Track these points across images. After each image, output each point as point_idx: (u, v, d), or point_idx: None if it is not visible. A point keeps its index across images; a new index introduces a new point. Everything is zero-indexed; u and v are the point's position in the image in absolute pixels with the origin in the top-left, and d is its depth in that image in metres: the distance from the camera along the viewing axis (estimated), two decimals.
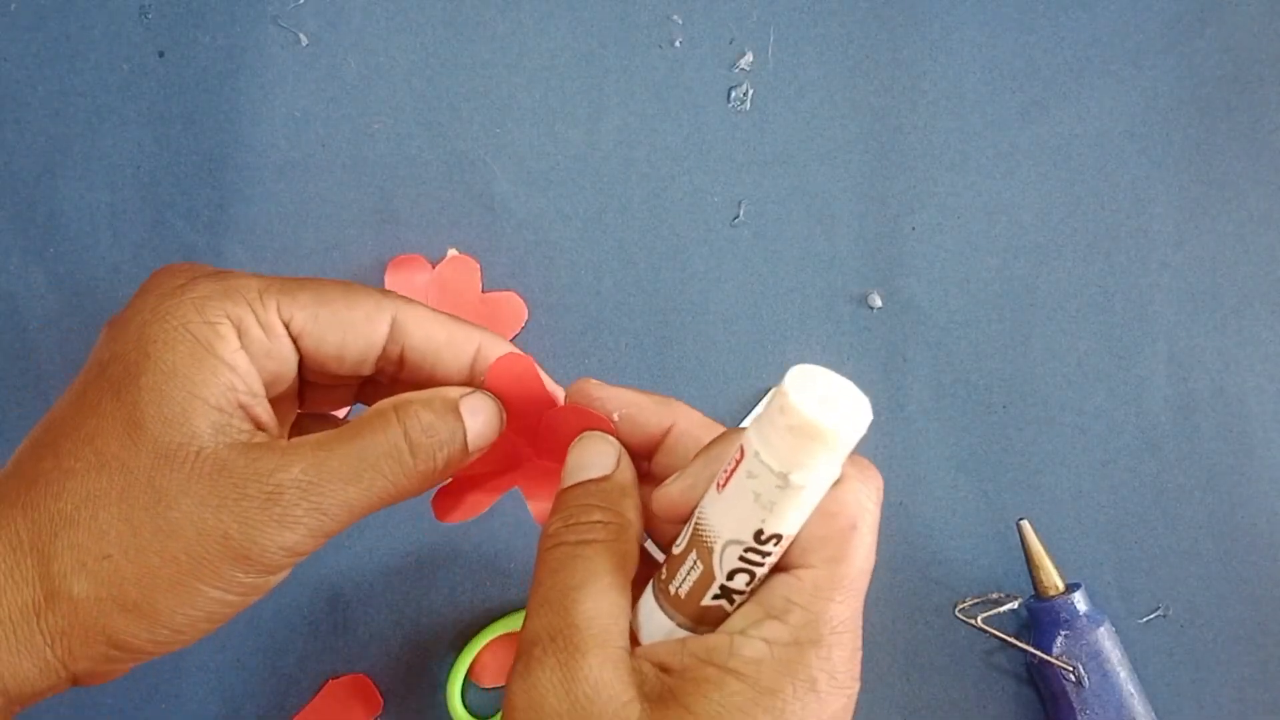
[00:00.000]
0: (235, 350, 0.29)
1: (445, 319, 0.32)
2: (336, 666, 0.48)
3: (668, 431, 0.32)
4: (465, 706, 0.47)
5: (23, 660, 0.27)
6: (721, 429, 0.31)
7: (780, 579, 0.29)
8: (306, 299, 0.30)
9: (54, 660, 0.27)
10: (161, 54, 0.52)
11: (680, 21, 0.52)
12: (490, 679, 0.48)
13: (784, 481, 0.27)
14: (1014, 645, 0.46)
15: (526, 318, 0.50)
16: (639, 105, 0.52)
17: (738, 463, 0.27)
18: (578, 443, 0.32)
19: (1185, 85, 0.52)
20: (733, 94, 0.52)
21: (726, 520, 0.28)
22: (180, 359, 0.28)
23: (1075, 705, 0.44)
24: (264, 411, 0.30)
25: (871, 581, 0.48)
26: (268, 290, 0.30)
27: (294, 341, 0.31)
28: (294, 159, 0.51)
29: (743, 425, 0.48)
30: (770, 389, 0.50)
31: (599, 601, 0.28)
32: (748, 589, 0.29)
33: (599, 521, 0.30)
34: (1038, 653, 0.45)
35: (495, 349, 0.33)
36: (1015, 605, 0.46)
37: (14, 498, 0.28)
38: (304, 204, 0.51)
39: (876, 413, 0.50)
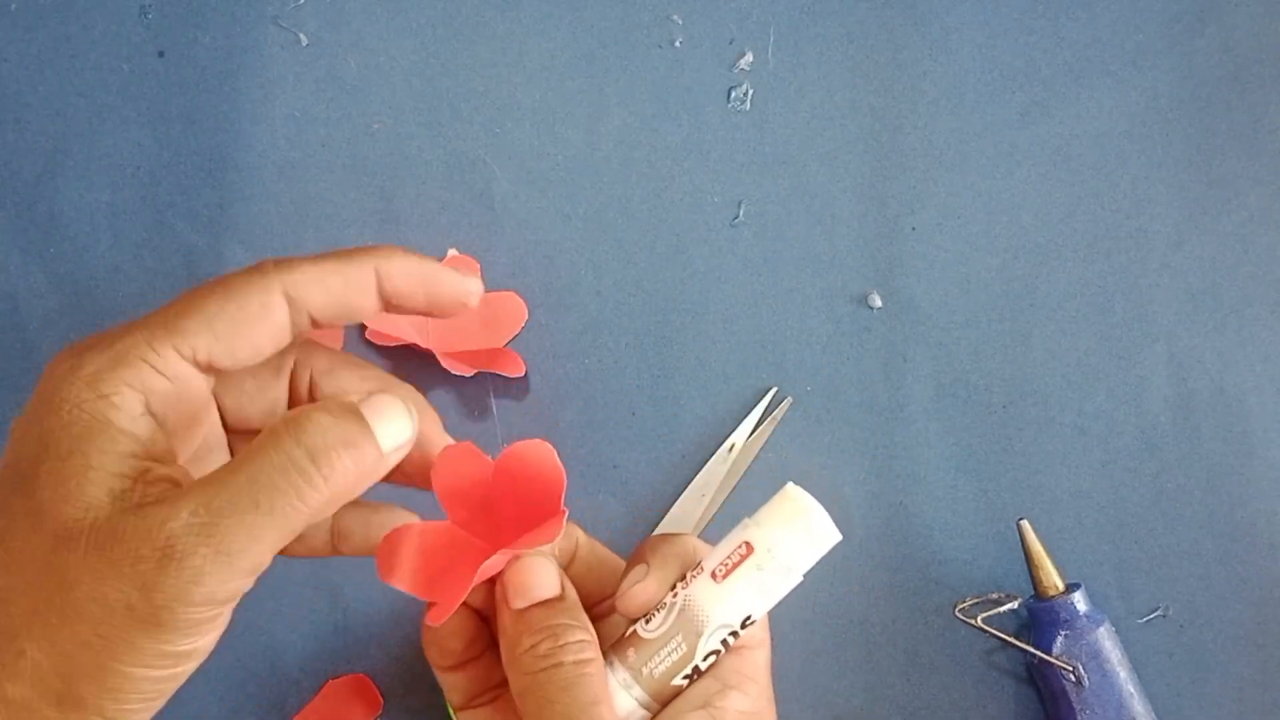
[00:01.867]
0: (136, 416, 0.28)
1: (330, 263, 0.31)
2: (337, 666, 0.48)
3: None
4: None
5: None
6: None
7: (734, 655, 0.33)
8: (195, 325, 0.29)
9: None
10: (161, 54, 0.52)
11: (680, 21, 0.52)
12: None
13: (796, 576, 0.33)
14: (1014, 645, 0.46)
15: (526, 318, 0.50)
16: (639, 105, 0.52)
17: (744, 558, 0.33)
18: (518, 565, 0.33)
19: (1185, 85, 0.52)
20: (733, 94, 0.52)
21: (725, 608, 0.32)
22: (76, 440, 0.27)
23: (1075, 705, 0.44)
24: (181, 473, 0.29)
25: (872, 582, 0.48)
26: (155, 337, 0.29)
27: (206, 369, 0.30)
28: (294, 159, 0.51)
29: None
30: (770, 389, 0.50)
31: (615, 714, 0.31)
32: (707, 669, 0.33)
33: (584, 640, 0.32)
34: (1038, 653, 0.45)
35: (400, 264, 0.32)
36: (1015, 605, 0.46)
37: None
38: (304, 204, 0.51)
39: (877, 412, 0.50)
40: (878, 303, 0.51)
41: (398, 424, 0.29)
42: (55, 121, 0.51)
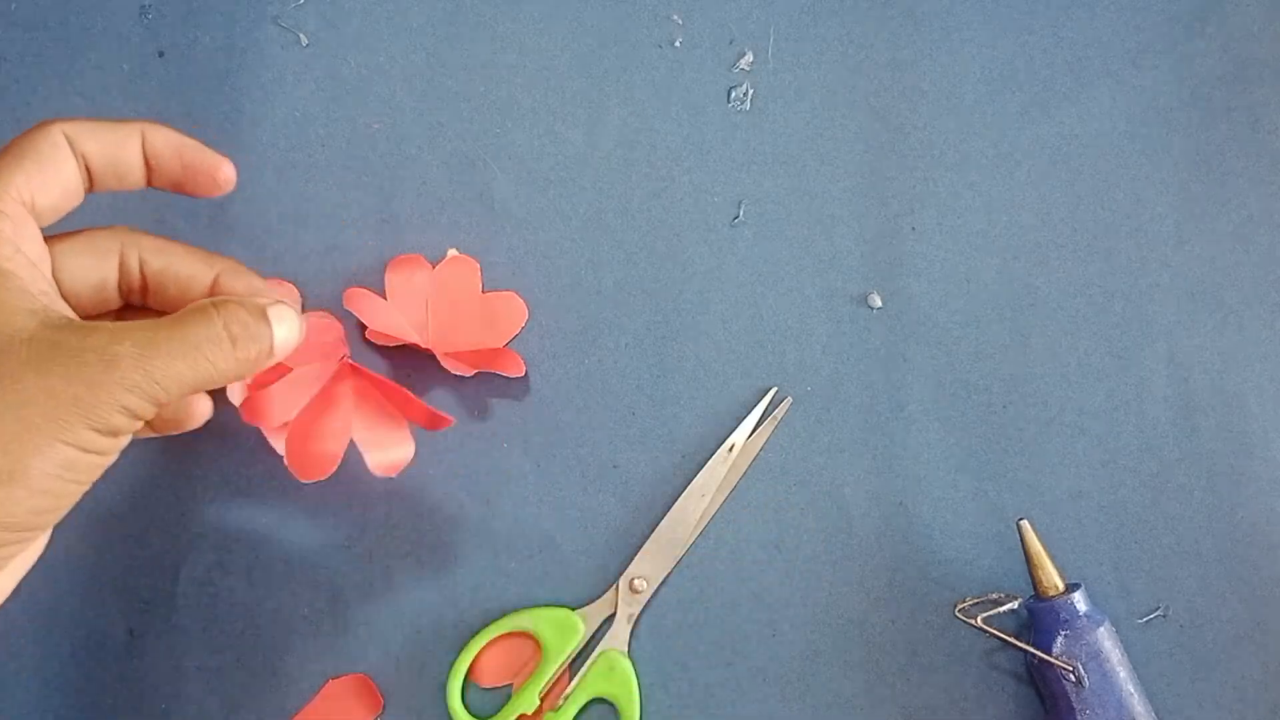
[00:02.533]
0: (12, 255, 0.33)
1: (177, 245, 0.38)
2: (337, 666, 0.48)
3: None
4: (465, 706, 0.47)
5: None
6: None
7: None
8: (11, 171, 0.34)
9: None
10: (161, 54, 0.52)
11: (680, 21, 0.52)
12: (490, 679, 0.48)
13: None
14: (1014, 645, 0.46)
15: (526, 318, 0.50)
16: (639, 105, 0.52)
17: None
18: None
19: (1185, 85, 0.52)
20: (733, 94, 0.52)
21: None
22: None
23: (1075, 705, 0.44)
24: (67, 309, 0.34)
25: (872, 582, 0.48)
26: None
27: (31, 210, 0.34)
28: (294, 159, 0.51)
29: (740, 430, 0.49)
30: (770, 389, 0.50)
31: None
32: None
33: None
34: (1037, 653, 0.45)
35: (238, 275, 0.38)
36: (1015, 605, 0.46)
37: None
38: (304, 204, 0.51)
39: (877, 412, 0.50)
40: (878, 303, 0.51)
41: (292, 334, 0.37)
42: None
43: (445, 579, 0.48)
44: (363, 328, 0.49)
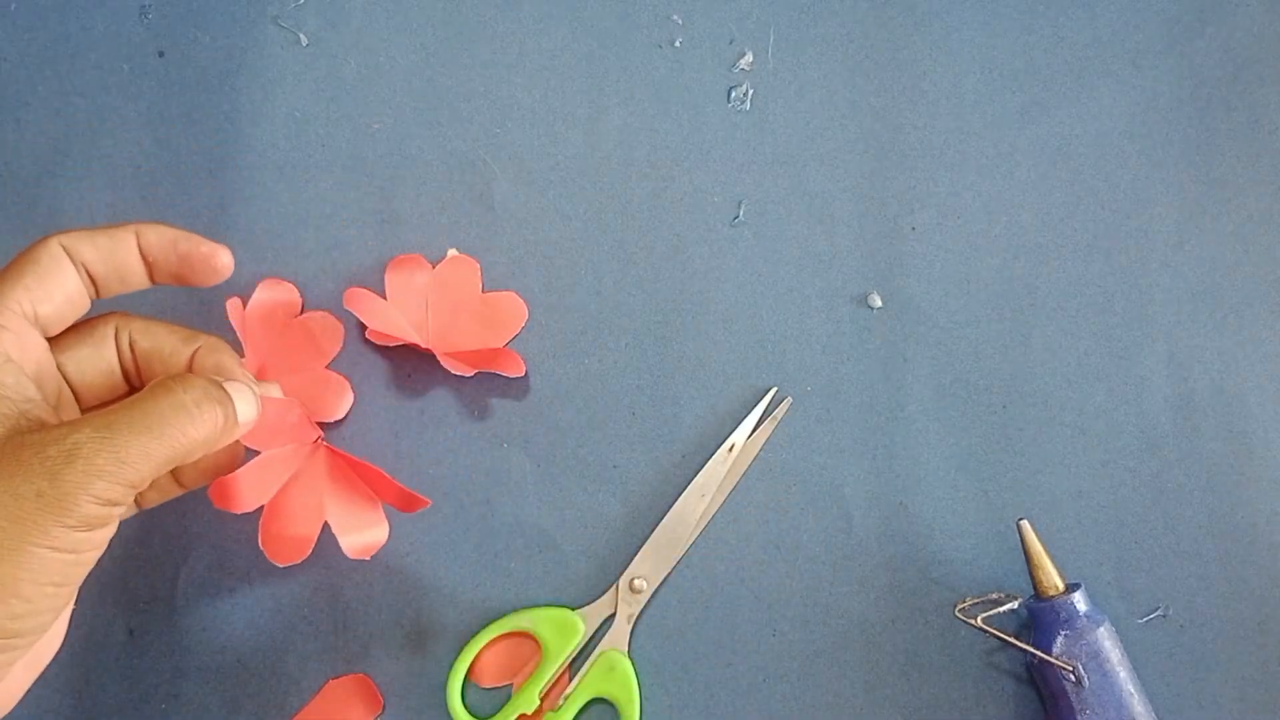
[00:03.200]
0: (1, 364, 0.33)
1: (160, 324, 0.39)
2: (337, 666, 0.48)
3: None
4: (465, 706, 0.47)
5: None
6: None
7: None
8: (10, 286, 0.35)
9: None
10: (161, 54, 0.52)
11: (680, 21, 0.52)
12: (490, 679, 0.48)
13: None
14: (1014, 645, 0.46)
15: (526, 318, 0.50)
16: (639, 105, 0.52)
17: None
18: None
19: (1185, 85, 0.52)
20: (733, 94, 0.52)
21: None
22: None
23: (1075, 705, 0.44)
24: (48, 414, 0.34)
25: (872, 582, 0.48)
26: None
27: (34, 321, 0.35)
28: (294, 159, 0.51)
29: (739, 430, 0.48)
30: (770, 389, 0.50)
31: None
32: None
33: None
34: (1037, 653, 0.45)
35: (212, 351, 0.39)
36: (1015, 605, 0.46)
37: None
38: (304, 204, 0.51)
39: (877, 412, 0.50)
40: (878, 303, 0.51)
41: (248, 403, 0.38)
42: (55, 121, 0.51)
43: (445, 579, 0.48)
44: (363, 328, 0.49)
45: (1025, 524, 0.46)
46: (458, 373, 0.48)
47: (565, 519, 0.49)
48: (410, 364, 0.50)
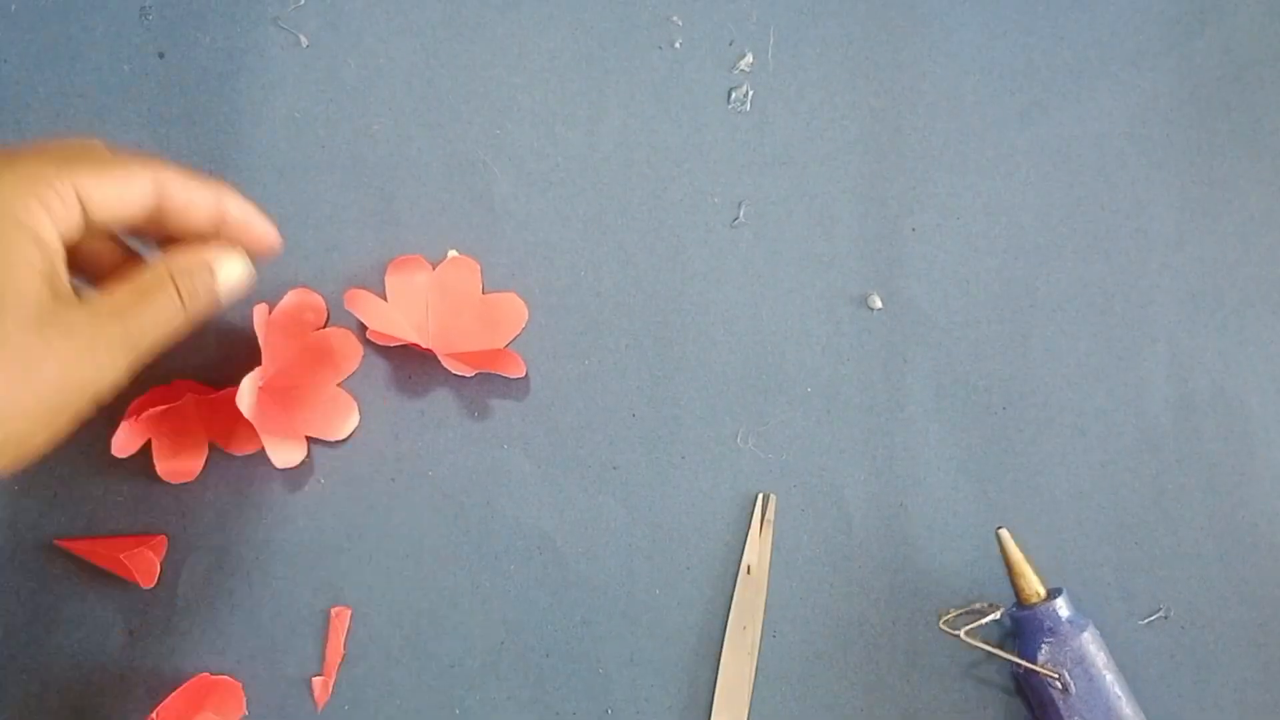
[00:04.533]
0: (48, 226, 0.36)
1: (190, 176, 0.40)
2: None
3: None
4: None
5: None
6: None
7: None
8: (88, 171, 0.37)
9: None
10: (161, 54, 0.52)
11: (680, 22, 0.52)
12: None
13: None
14: (999, 656, 0.46)
15: (527, 319, 0.50)
16: (639, 105, 0.52)
17: None
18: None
19: (1185, 85, 0.52)
20: (733, 95, 0.52)
21: None
22: (10, 238, 0.35)
23: (1063, 713, 0.44)
24: (63, 271, 0.37)
25: (872, 582, 0.48)
26: (60, 169, 0.36)
27: (84, 208, 0.37)
28: (294, 160, 0.51)
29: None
30: (757, 495, 0.50)
31: None
32: None
33: None
34: (1023, 663, 0.45)
35: (233, 203, 0.42)
36: (998, 615, 0.46)
37: None
38: (304, 205, 0.51)
39: (877, 413, 0.50)
40: (878, 303, 0.50)
41: (239, 282, 0.41)
42: (55, 121, 0.51)
43: (445, 580, 0.48)
44: (364, 328, 0.49)
45: (1004, 532, 0.46)
46: (458, 373, 0.48)
47: (565, 519, 0.49)
48: (411, 364, 0.50)
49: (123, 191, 0.38)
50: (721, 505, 0.49)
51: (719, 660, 0.48)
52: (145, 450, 0.47)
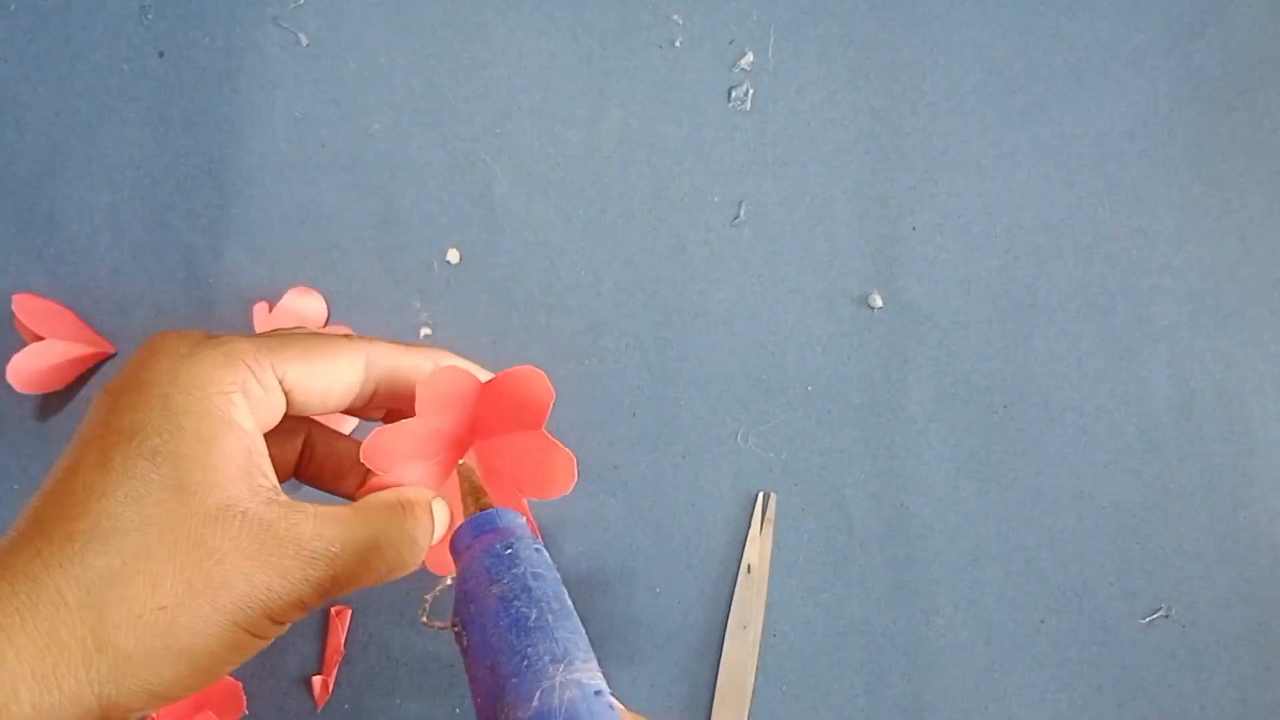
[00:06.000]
0: (247, 415, 0.32)
1: (402, 347, 0.36)
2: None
3: None
4: None
5: (65, 710, 0.28)
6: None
7: None
8: (293, 355, 0.33)
9: (95, 707, 0.28)
10: (161, 54, 0.52)
11: (680, 22, 0.52)
12: None
13: None
14: (435, 629, 0.34)
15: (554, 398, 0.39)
16: (639, 105, 0.52)
17: None
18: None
19: (1185, 86, 0.52)
20: (733, 94, 0.52)
21: None
22: (209, 428, 0.30)
23: (470, 674, 0.30)
24: (269, 466, 0.32)
25: (872, 582, 0.48)
26: (260, 352, 0.32)
27: (285, 394, 0.33)
28: (294, 160, 0.51)
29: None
30: (758, 493, 0.50)
31: None
32: None
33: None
34: (434, 624, 0.33)
35: (451, 362, 0.37)
36: (449, 580, 0.41)
37: (47, 558, 0.28)
38: (304, 205, 0.51)
39: (877, 412, 0.50)
40: (878, 303, 0.50)
41: (442, 524, 0.36)
42: (55, 121, 0.51)
43: (445, 580, 0.48)
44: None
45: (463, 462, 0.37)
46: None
47: (565, 519, 0.49)
48: None
49: (331, 373, 0.34)
50: (721, 505, 0.49)
51: (719, 660, 0.48)
52: None
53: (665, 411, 0.50)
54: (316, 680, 0.47)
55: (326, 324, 0.50)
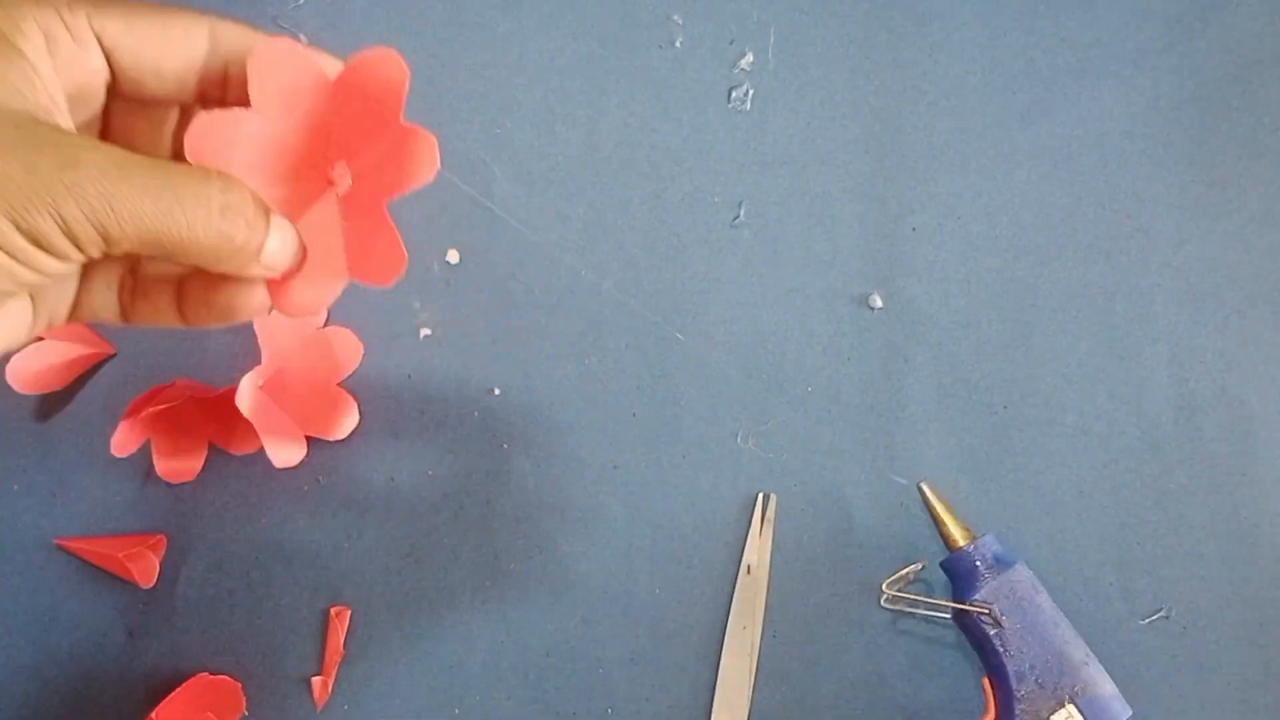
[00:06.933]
0: (38, 50, 0.29)
1: (259, 32, 0.32)
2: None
3: None
4: None
5: None
6: None
7: None
8: (118, 11, 0.30)
9: None
10: None
11: (680, 22, 0.52)
12: None
13: None
14: (932, 605, 0.46)
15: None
16: (639, 105, 0.52)
17: None
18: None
19: (1185, 85, 0.52)
20: (733, 94, 0.52)
21: None
22: None
23: (999, 647, 0.44)
24: (64, 120, 0.29)
25: (873, 582, 0.48)
26: (77, 2, 0.29)
27: (107, 56, 0.30)
28: None
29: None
30: (758, 494, 0.50)
31: None
32: None
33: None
34: (951, 604, 0.45)
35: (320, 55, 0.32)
36: (920, 566, 0.47)
37: None
38: None
39: (877, 412, 0.50)
40: (878, 303, 0.50)
41: (286, 243, 0.31)
42: None
43: (445, 580, 0.48)
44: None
45: (924, 485, 0.46)
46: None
47: (565, 519, 0.49)
48: (411, 364, 0.50)
49: (162, 39, 0.30)
50: (721, 505, 0.49)
51: (719, 660, 0.48)
52: (145, 450, 0.47)
53: (665, 411, 0.50)
54: (316, 680, 0.47)
55: (326, 325, 0.50)
